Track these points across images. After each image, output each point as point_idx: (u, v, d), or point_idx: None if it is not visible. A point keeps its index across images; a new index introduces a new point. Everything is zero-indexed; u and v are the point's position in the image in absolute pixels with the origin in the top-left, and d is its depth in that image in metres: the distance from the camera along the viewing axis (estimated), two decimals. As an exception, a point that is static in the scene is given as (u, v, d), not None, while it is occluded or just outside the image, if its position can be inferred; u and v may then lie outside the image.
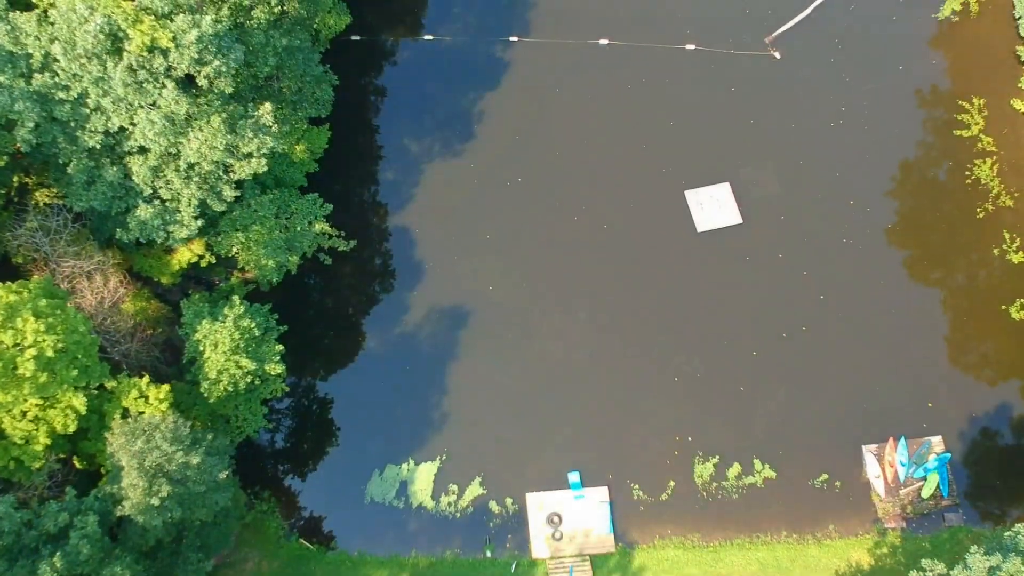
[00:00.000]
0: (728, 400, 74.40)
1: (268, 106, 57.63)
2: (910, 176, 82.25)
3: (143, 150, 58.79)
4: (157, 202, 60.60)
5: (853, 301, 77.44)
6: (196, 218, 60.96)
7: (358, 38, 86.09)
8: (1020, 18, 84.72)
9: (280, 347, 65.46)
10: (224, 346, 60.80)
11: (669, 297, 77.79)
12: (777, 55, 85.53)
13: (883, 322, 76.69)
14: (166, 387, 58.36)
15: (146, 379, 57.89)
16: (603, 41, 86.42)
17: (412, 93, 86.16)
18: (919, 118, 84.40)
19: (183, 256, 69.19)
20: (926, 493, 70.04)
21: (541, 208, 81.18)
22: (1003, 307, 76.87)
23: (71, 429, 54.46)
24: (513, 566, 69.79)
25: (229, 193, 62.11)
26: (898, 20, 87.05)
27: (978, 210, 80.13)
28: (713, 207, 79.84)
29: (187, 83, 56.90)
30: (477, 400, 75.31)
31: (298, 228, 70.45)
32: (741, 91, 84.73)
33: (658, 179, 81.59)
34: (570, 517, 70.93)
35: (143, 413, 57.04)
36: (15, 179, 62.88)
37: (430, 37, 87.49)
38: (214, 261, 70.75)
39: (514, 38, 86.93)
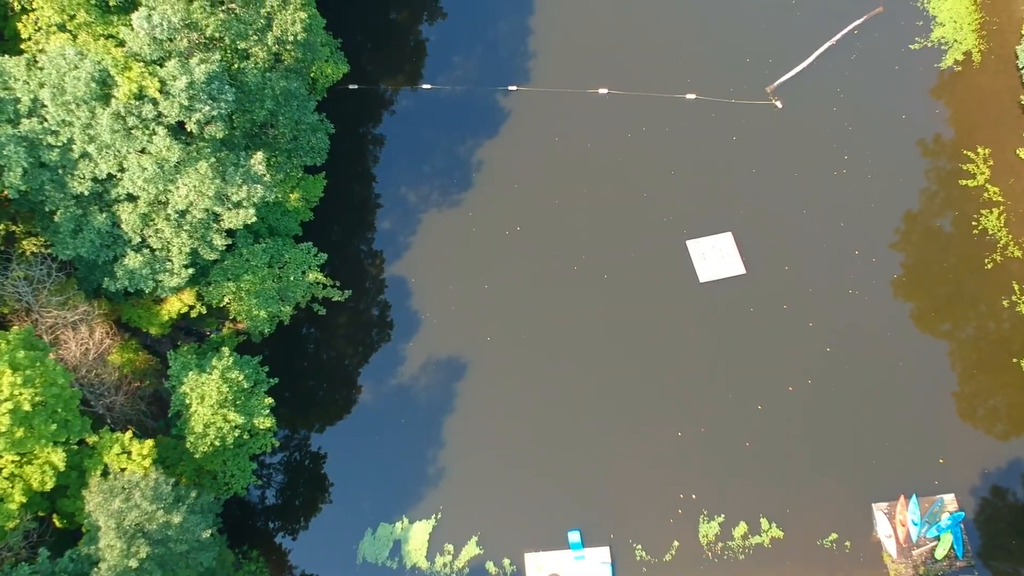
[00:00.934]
0: (733, 456, 72.02)
1: (260, 155, 56.38)
2: (916, 226, 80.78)
3: (132, 197, 57.44)
4: (146, 251, 59.07)
5: (860, 353, 75.43)
6: (186, 267, 59.35)
7: (356, 87, 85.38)
8: (1023, 68, 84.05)
9: (270, 400, 63.47)
10: (211, 399, 58.81)
11: (672, 349, 75.83)
12: (779, 104, 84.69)
13: (891, 375, 74.63)
14: (150, 442, 56.25)
15: (129, 434, 55.82)
16: (603, 90, 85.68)
17: (410, 142, 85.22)
18: (924, 167, 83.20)
19: (173, 306, 67.53)
20: (940, 554, 67.37)
21: (540, 258, 79.65)
22: (1014, 360, 74.82)
23: (49, 486, 52.23)
24: (510, 630, 67.04)
25: (220, 242, 60.62)
26: (900, 69, 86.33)
27: (986, 261, 78.48)
28: (715, 257, 78.28)
29: (178, 129, 55.71)
30: (474, 455, 73.02)
31: (291, 278, 68.87)
32: (743, 140, 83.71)
33: (659, 229, 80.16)
34: (570, 578, 68.31)
35: (125, 469, 54.79)
36: (1, 227, 61.45)
37: (428, 86, 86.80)
38: (205, 311, 69.09)
39: (513, 87, 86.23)
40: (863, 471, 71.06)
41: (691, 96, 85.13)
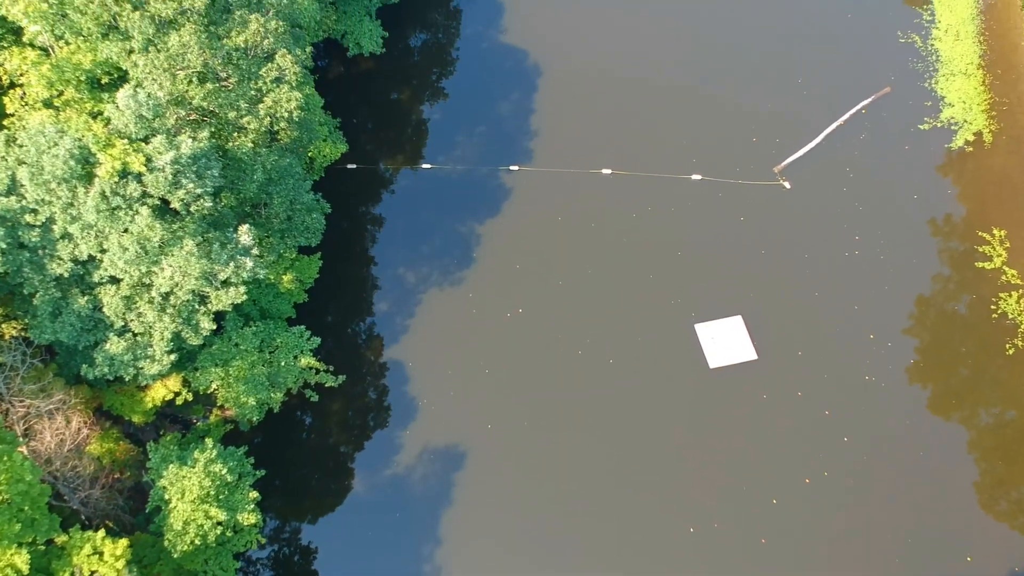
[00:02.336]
0: (749, 553, 67.80)
1: (246, 227, 53.84)
2: (932, 309, 78.06)
3: (115, 280, 54.79)
4: (128, 335, 56.15)
5: (878, 443, 71.96)
6: (169, 352, 56.39)
7: (354, 166, 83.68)
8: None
9: (255, 495, 59.70)
10: (192, 494, 55.15)
11: (682, 438, 72.23)
12: (787, 185, 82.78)
13: (912, 465, 71.11)
14: (124, 542, 52.31)
15: (101, 533, 51.93)
16: (606, 171, 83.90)
17: (409, 221, 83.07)
18: (938, 249, 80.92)
19: (157, 393, 64.30)
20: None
21: (543, 341, 76.63)
22: (1041, 450, 71.27)
23: (12, 591, 48.20)
24: None
25: (207, 325, 57.76)
26: (911, 149, 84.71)
27: (1007, 346, 75.43)
28: (725, 342, 75.25)
29: (164, 207, 53.36)
30: (474, 552, 68.88)
31: (283, 363, 65.78)
32: (751, 221, 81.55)
33: (666, 312, 77.35)
34: None
35: (95, 572, 50.83)
36: (-23, 310, 58.76)
37: (429, 166, 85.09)
38: (191, 398, 65.77)
39: (515, 167, 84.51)
40: (885, 568, 66.86)
41: (697, 177, 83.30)
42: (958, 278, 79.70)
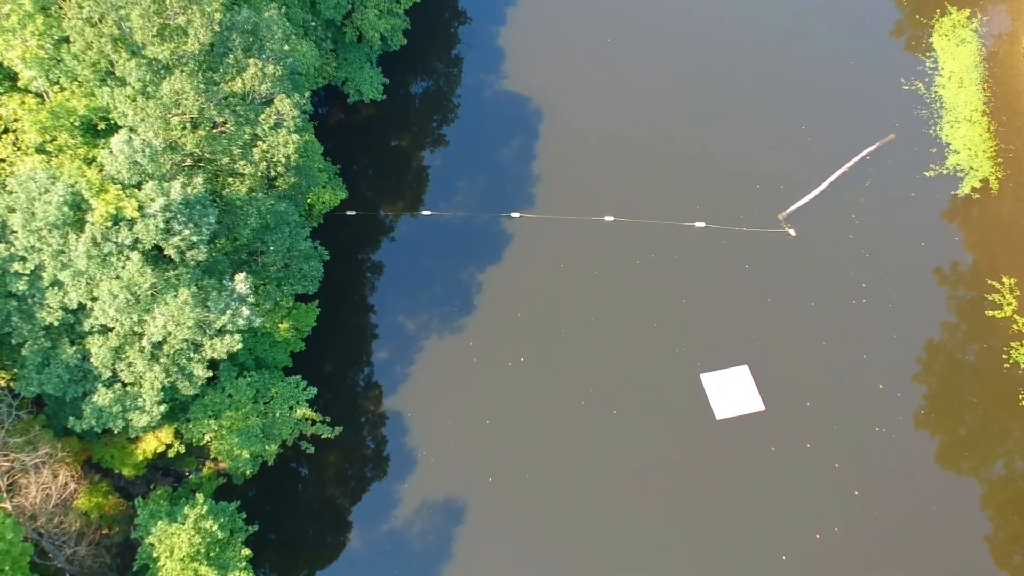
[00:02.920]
0: (758, 613, 65.51)
1: (242, 275, 52.52)
2: (942, 358, 76.47)
3: (106, 329, 53.35)
4: (117, 386, 54.55)
5: (889, 497, 69.94)
6: (159, 403, 54.71)
7: (353, 213, 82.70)
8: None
9: (247, 552, 57.69)
10: (182, 551, 53.16)
11: (688, 493, 70.16)
12: (792, 232, 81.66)
13: (923, 520, 69.07)
14: (108, 603, 50.27)
15: (85, 594, 49.92)
16: (608, 218, 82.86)
17: (408, 268, 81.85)
18: (946, 297, 79.54)
19: (149, 445, 62.52)
20: None
21: (545, 391, 74.91)
22: (1058, 504, 69.20)
23: (-11, 656, 46.14)
24: None
25: (201, 374, 56.15)
26: (916, 197, 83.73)
27: (1020, 397, 73.73)
28: (732, 392, 73.55)
29: (157, 254, 52.08)
30: (472, 611, 66.57)
31: (277, 414, 64.08)
32: (756, 268, 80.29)
33: (671, 361, 75.74)
34: None
35: (78, 635, 48.75)
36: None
37: (429, 213, 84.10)
38: (183, 450, 63.97)
39: (516, 214, 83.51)
40: (902, 631, 64.55)
41: (700, 224, 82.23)
42: (968, 327, 78.21)
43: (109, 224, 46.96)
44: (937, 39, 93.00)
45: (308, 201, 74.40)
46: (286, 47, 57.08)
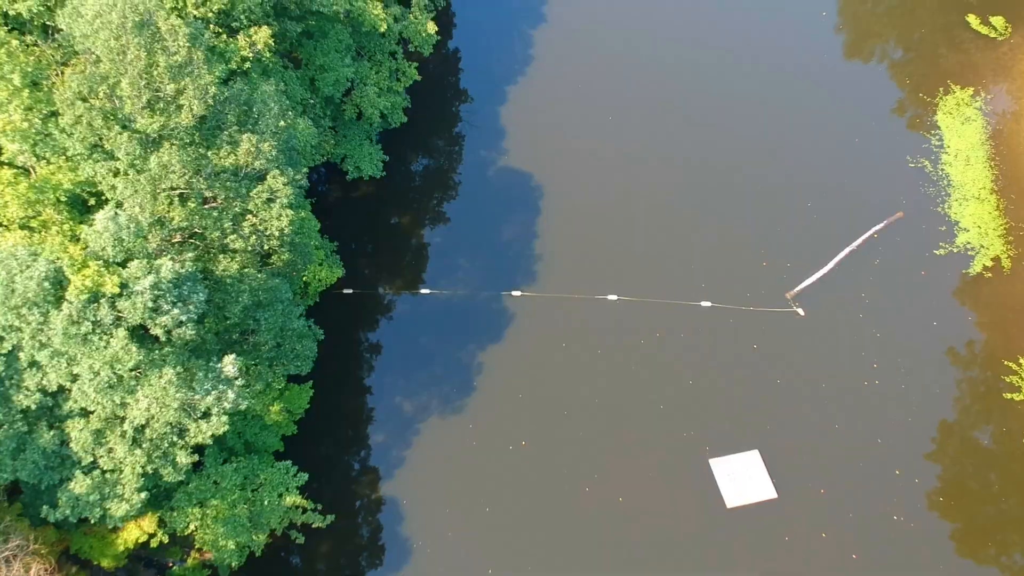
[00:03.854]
0: None
1: (231, 357, 50.21)
2: (959, 444, 73.66)
3: (86, 412, 50.84)
4: (96, 472, 51.76)
5: (913, 591, 66.29)
6: (140, 491, 51.82)
7: (350, 291, 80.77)
8: (1058, 274, 79.67)
9: (229, 653, 53.96)
10: (159, 652, 49.60)
11: (698, 585, 66.61)
12: (801, 312, 79.54)
13: (950, 617, 65.23)
14: None
15: None
16: (612, 296, 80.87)
17: (406, 348, 79.45)
18: (960, 378, 77.06)
19: (130, 535, 59.28)
20: None
21: (547, 477, 71.84)
22: (1092, 600, 65.45)
23: None
24: None
25: (185, 460, 53.31)
26: (927, 275, 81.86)
27: (1045, 483, 70.69)
28: (743, 479, 70.45)
29: (143, 332, 49.88)
30: None
31: (266, 502, 61.02)
32: (764, 349, 77.93)
33: (679, 445, 72.82)
34: None
35: None
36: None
37: (428, 291, 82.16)
38: (167, 540, 60.72)
39: (517, 292, 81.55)
40: None
41: (706, 304, 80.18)
42: (985, 410, 75.55)
43: (87, 301, 44.87)
44: (941, 117, 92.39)
45: (304, 279, 72.56)
46: (282, 123, 55.90)
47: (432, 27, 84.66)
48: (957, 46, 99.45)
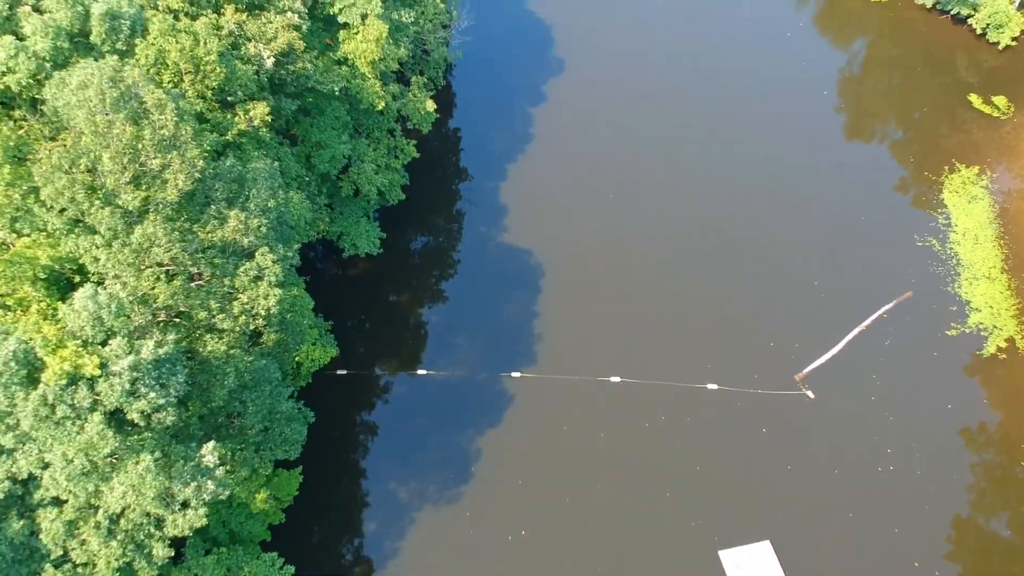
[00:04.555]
0: None
1: (211, 444, 47.56)
2: (977, 532, 70.36)
3: (59, 501, 47.94)
4: (68, 566, 48.58)
5: None
6: (113, 587, 48.57)
7: (344, 372, 78.25)
8: (1075, 355, 77.26)
9: None
10: None
11: None
12: (811, 394, 76.88)
13: None
14: None
15: None
16: (615, 378, 78.32)
17: (402, 431, 76.60)
18: (976, 463, 74.11)
19: (104, 632, 55.55)
20: None
21: (548, 568, 68.38)
22: None
23: None
24: None
25: (162, 552, 50.19)
26: (939, 356, 79.47)
27: (1073, 576, 66.97)
28: (754, 571, 66.87)
29: (121, 416, 47.30)
30: None
31: (250, 597, 57.52)
32: (773, 433, 75.06)
33: (687, 535, 69.39)
34: None
35: None
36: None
37: (425, 372, 79.64)
38: (144, 636, 56.94)
39: (517, 373, 79.01)
40: None
41: (713, 386, 77.55)
42: (1002, 496, 72.41)
43: (64, 384, 42.51)
44: (948, 195, 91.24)
45: (296, 359, 70.15)
46: (271, 203, 54.26)
47: (431, 105, 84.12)
48: (959, 126, 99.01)
